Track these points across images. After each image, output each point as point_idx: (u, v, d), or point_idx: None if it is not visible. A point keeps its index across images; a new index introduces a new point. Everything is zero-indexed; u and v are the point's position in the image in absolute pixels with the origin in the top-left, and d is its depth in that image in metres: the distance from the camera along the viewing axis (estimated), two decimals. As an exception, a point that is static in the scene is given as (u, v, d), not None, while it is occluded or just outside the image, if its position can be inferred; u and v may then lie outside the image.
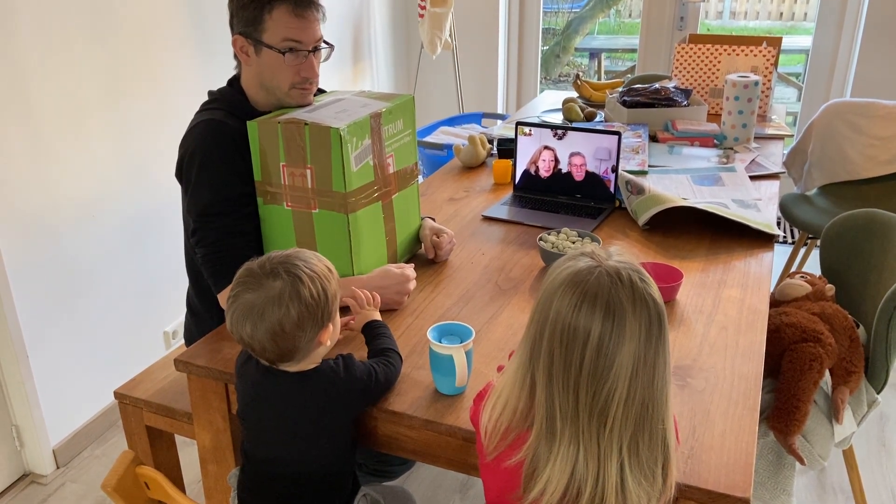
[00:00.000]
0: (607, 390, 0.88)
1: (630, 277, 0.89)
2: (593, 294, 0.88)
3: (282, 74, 1.51)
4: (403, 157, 1.58)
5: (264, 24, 1.47)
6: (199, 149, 1.48)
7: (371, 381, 1.18)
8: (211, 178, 1.47)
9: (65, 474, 2.20)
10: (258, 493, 1.24)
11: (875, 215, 1.85)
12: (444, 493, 2.07)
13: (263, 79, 1.53)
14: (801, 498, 2.05)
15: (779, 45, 2.74)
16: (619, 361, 0.87)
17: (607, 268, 0.89)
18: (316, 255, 1.18)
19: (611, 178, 1.97)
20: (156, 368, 1.78)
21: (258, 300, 1.10)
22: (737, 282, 1.57)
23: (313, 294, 1.11)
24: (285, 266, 1.12)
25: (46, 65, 2.01)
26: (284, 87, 1.52)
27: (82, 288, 2.21)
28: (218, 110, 1.53)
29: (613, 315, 0.87)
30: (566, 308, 0.88)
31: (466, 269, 1.66)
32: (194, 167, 1.48)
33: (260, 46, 1.49)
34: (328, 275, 1.16)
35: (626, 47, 6.11)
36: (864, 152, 2.73)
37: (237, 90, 1.58)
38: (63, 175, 2.10)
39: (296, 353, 1.13)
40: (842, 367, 1.59)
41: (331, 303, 1.15)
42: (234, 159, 1.47)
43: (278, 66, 1.50)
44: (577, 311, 0.88)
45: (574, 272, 0.90)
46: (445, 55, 3.92)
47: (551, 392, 0.90)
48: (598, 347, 0.87)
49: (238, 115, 1.52)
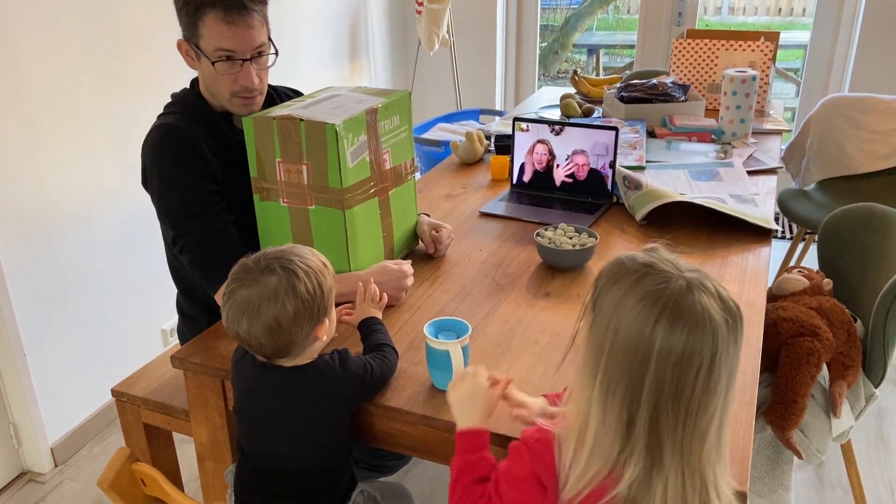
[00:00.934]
0: (713, 408, 0.85)
1: (715, 289, 0.86)
2: (690, 316, 0.83)
3: (220, 83, 1.48)
4: (400, 153, 1.57)
5: (199, 30, 1.43)
6: (156, 156, 1.48)
7: (367, 376, 1.17)
8: (175, 183, 1.46)
9: (63, 472, 2.20)
10: (255, 489, 1.24)
11: (874, 209, 1.85)
12: (442, 489, 2.06)
13: (206, 85, 1.52)
14: (799, 492, 2.05)
15: (777, 40, 2.74)
16: (723, 378, 0.85)
17: (691, 282, 0.86)
18: (311, 251, 1.18)
19: (608, 174, 1.96)
20: (153, 366, 1.77)
21: (254, 296, 1.10)
22: (734, 276, 1.57)
23: (309, 289, 1.11)
24: (280, 261, 1.12)
25: (42, 63, 2.00)
26: (225, 96, 1.50)
27: (79, 286, 2.20)
28: (173, 114, 1.52)
29: (714, 332, 0.83)
30: (670, 337, 0.83)
31: (463, 265, 1.65)
32: (156, 176, 1.48)
33: (199, 53, 1.46)
34: (323, 270, 1.15)
35: (624, 43, 6.11)
36: (862, 147, 2.73)
37: (196, 92, 1.56)
38: (59, 173, 2.10)
39: (292, 349, 1.13)
40: (839, 362, 1.59)
41: (326, 298, 1.15)
42: (192, 160, 1.47)
43: (213, 74, 1.47)
44: (685, 336, 0.83)
45: (657, 295, 0.85)
46: (443, 52, 3.91)
47: (657, 422, 0.86)
48: (710, 368, 0.84)
49: (194, 117, 1.51)
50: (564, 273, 1.60)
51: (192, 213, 1.46)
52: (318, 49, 3.38)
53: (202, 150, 1.48)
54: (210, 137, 1.51)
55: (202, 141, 1.49)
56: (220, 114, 1.55)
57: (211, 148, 1.50)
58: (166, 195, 1.47)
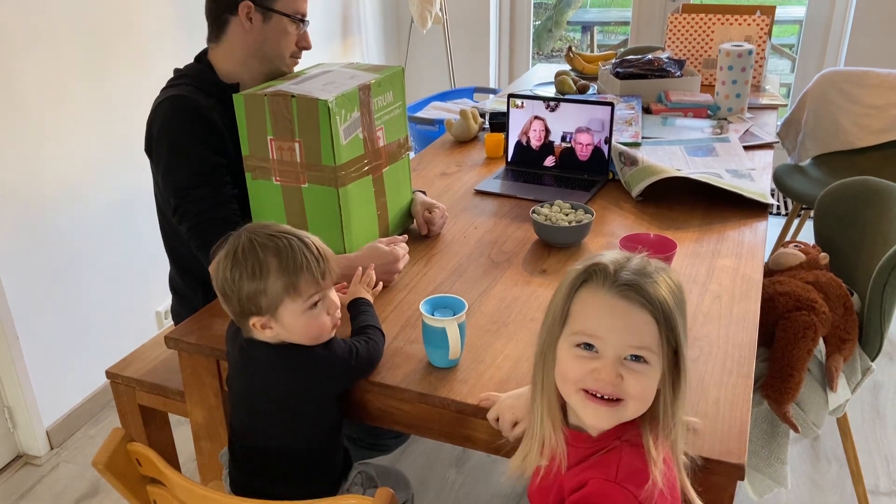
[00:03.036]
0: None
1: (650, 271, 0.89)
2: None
3: (285, 43, 1.58)
4: (394, 130, 1.55)
5: None
6: (166, 126, 1.49)
7: (352, 359, 1.15)
8: (183, 154, 1.48)
9: (59, 455, 2.19)
10: (245, 468, 1.24)
11: (870, 183, 1.85)
12: (440, 467, 2.07)
13: (265, 47, 1.56)
14: (795, 466, 2.07)
15: (772, 13, 2.71)
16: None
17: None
18: (288, 248, 1.11)
19: (604, 150, 1.95)
20: (147, 348, 1.77)
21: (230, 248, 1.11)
22: (731, 251, 1.56)
23: (227, 277, 1.09)
24: (236, 239, 1.12)
25: (28, 44, 1.97)
26: (285, 57, 1.59)
27: (72, 268, 2.19)
28: (184, 86, 1.53)
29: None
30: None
31: (459, 242, 1.64)
32: (164, 145, 1.49)
33: (270, 14, 1.54)
34: (259, 271, 1.08)
35: (618, 20, 6.06)
36: (858, 122, 2.72)
37: (205, 65, 1.59)
38: (48, 155, 2.07)
39: (240, 322, 1.13)
40: (836, 336, 1.59)
41: (250, 298, 1.09)
42: (202, 133, 1.49)
43: (285, 34, 1.57)
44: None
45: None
46: (436, 29, 3.87)
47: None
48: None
49: (205, 89, 1.54)
50: (560, 250, 1.59)
51: (196, 184, 1.48)
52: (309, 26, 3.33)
53: (212, 120, 1.50)
54: (220, 107, 1.54)
55: (212, 110, 1.51)
56: (229, 85, 1.58)
57: (221, 118, 1.52)
58: (174, 165, 1.49)
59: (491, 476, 2.05)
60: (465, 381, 1.17)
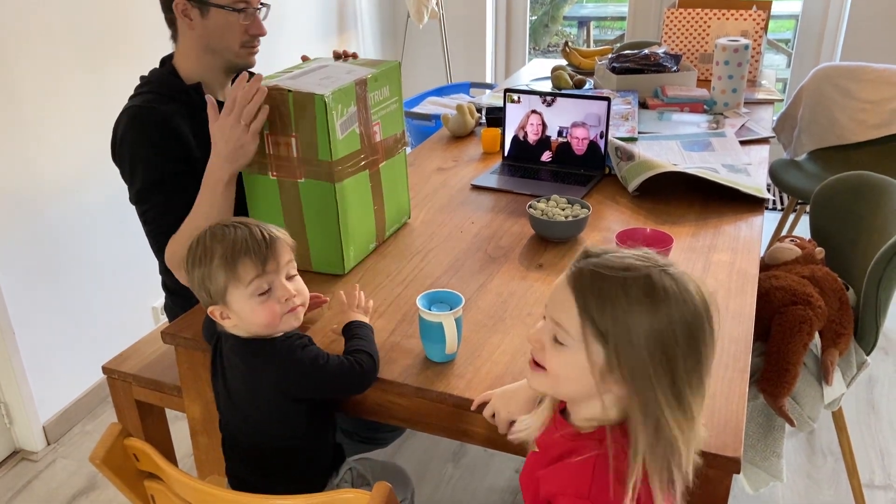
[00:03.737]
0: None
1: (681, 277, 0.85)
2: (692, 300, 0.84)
3: (231, 35, 1.53)
4: (390, 125, 1.55)
5: None
6: (125, 137, 1.50)
7: (313, 368, 1.11)
8: (141, 164, 1.50)
9: (55, 451, 2.19)
10: (232, 460, 1.26)
11: (865, 178, 1.85)
12: (437, 462, 2.07)
13: (211, 42, 1.54)
14: (791, 459, 2.07)
15: (769, 8, 2.72)
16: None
17: (665, 267, 0.85)
18: (244, 239, 1.10)
19: (600, 145, 1.95)
20: (144, 343, 1.77)
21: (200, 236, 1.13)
22: (727, 246, 1.57)
23: (192, 261, 1.11)
24: (208, 231, 1.12)
25: (23, 40, 1.96)
26: (235, 48, 1.55)
27: (68, 263, 2.18)
28: (146, 94, 1.54)
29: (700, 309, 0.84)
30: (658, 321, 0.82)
31: (456, 237, 1.64)
32: (126, 156, 1.51)
33: (207, 8, 1.50)
34: (212, 259, 1.09)
35: (615, 15, 6.06)
36: (854, 116, 2.72)
37: (168, 70, 1.58)
38: (45, 151, 2.07)
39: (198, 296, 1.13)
40: (831, 330, 1.59)
41: (208, 285, 1.10)
42: (161, 142, 1.49)
43: (228, 26, 1.52)
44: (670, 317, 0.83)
45: (663, 284, 0.83)
46: (432, 24, 3.87)
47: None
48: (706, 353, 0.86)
49: (167, 94, 1.53)
50: (557, 245, 1.59)
51: (152, 192, 1.50)
52: (305, 22, 3.33)
53: (174, 127, 1.50)
54: (183, 111, 1.53)
55: (175, 116, 1.51)
56: (191, 86, 1.56)
57: (185, 122, 1.52)
58: (133, 175, 1.52)
59: (488, 470, 2.05)
60: (462, 376, 1.18)
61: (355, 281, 1.47)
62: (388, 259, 1.55)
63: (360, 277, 1.48)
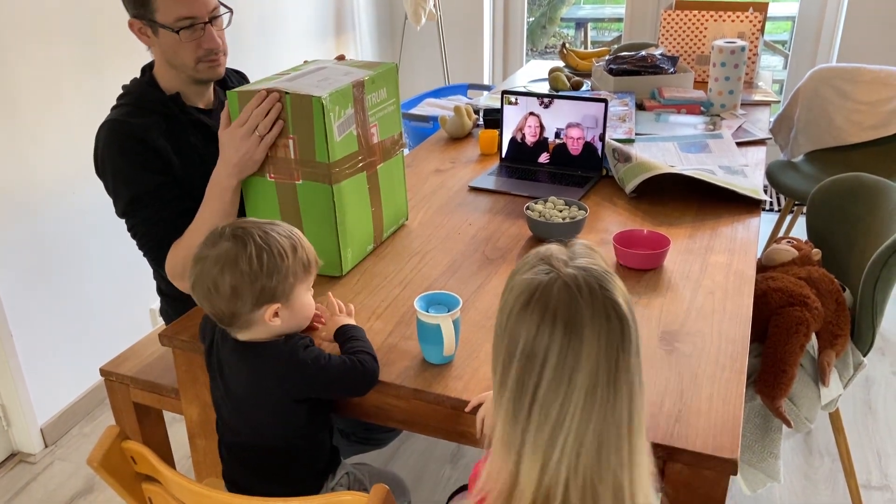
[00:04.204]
0: (559, 411, 0.79)
1: (590, 286, 0.79)
2: (553, 311, 0.78)
3: (184, 52, 1.49)
4: (387, 126, 1.56)
5: (152, 5, 1.45)
6: (105, 153, 1.50)
7: (315, 369, 1.12)
8: (123, 179, 1.50)
9: (53, 453, 2.19)
10: (230, 463, 1.26)
11: (862, 179, 1.86)
12: (435, 464, 2.08)
13: (169, 58, 1.52)
14: (788, 460, 2.08)
15: (765, 10, 2.72)
16: (576, 380, 0.78)
17: (566, 277, 0.80)
18: (290, 232, 1.14)
19: (598, 147, 1.95)
20: (142, 345, 1.77)
21: (204, 256, 1.10)
22: (724, 247, 1.57)
23: (252, 265, 1.08)
24: (238, 231, 1.11)
25: (21, 42, 1.96)
26: (191, 64, 1.51)
27: (66, 265, 2.18)
28: (124, 107, 1.53)
29: (572, 332, 0.78)
30: (528, 329, 0.79)
31: (454, 239, 1.65)
32: (107, 171, 1.51)
33: (156, 27, 1.47)
34: (284, 252, 1.11)
35: (612, 16, 6.07)
36: (850, 118, 2.73)
37: (147, 79, 1.57)
38: (42, 153, 2.07)
39: (234, 320, 1.12)
40: (828, 331, 1.59)
41: (278, 280, 1.10)
42: (140, 156, 1.48)
43: (178, 44, 1.48)
44: (539, 331, 0.78)
45: (532, 287, 0.80)
46: (430, 26, 3.87)
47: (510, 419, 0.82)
48: (556, 368, 0.78)
49: (146, 106, 1.52)
50: (554, 246, 1.59)
51: (138, 205, 1.50)
52: (302, 23, 3.33)
53: (152, 141, 1.49)
54: (162, 123, 1.52)
55: (152, 129, 1.49)
56: (170, 97, 1.55)
57: (163, 134, 1.51)
58: (117, 190, 1.51)
59: (486, 472, 2.05)
60: (460, 378, 1.18)
61: (353, 283, 1.47)
62: (386, 261, 1.55)
63: (357, 279, 1.48)
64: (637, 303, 1.37)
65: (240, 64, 2.87)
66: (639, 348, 0.82)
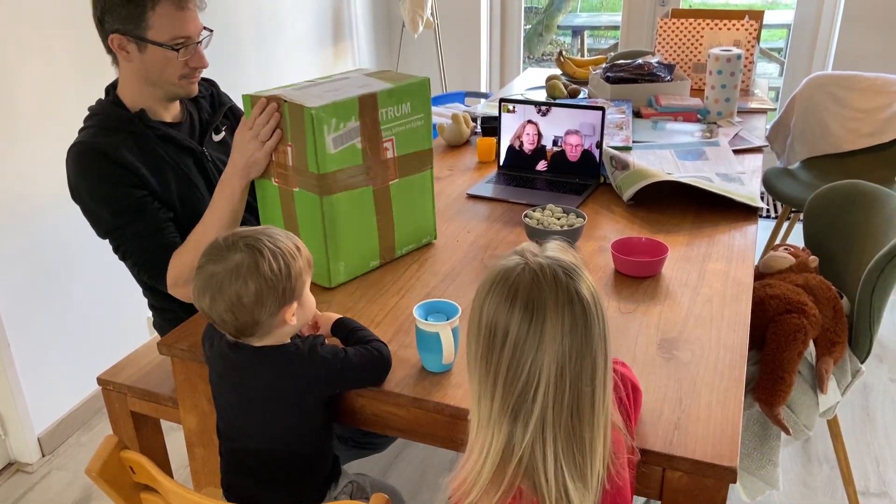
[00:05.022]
0: (521, 391, 0.84)
1: (554, 272, 0.84)
2: (514, 291, 0.83)
3: (171, 69, 1.51)
4: (409, 142, 1.50)
5: (147, 21, 1.45)
6: (78, 177, 1.49)
7: (336, 363, 1.14)
8: (101, 199, 1.49)
9: (51, 462, 2.18)
10: (231, 470, 1.25)
11: (859, 186, 1.86)
12: (434, 472, 2.07)
13: (149, 75, 1.51)
14: (787, 467, 2.08)
15: (761, 18, 2.74)
16: (538, 361, 0.83)
17: (533, 264, 0.85)
18: (286, 234, 1.17)
19: (595, 154, 1.96)
20: (139, 354, 1.76)
21: (218, 272, 1.09)
22: (721, 255, 1.57)
23: (273, 269, 1.10)
24: (247, 240, 1.11)
25: (21, 49, 1.96)
26: (175, 81, 1.53)
27: (63, 274, 2.18)
28: (89, 128, 1.53)
29: (533, 312, 0.82)
30: (489, 307, 0.85)
31: (452, 247, 1.65)
32: (84, 193, 1.50)
33: (144, 44, 1.47)
34: (294, 252, 1.14)
35: (608, 24, 6.09)
36: (846, 125, 2.74)
37: (111, 100, 1.56)
38: (40, 160, 2.07)
39: (256, 328, 1.12)
40: (826, 338, 1.60)
41: (294, 280, 1.13)
42: (112, 175, 1.48)
43: (167, 62, 1.49)
44: (497, 310, 0.84)
45: (498, 271, 0.86)
46: (427, 34, 3.88)
47: (478, 397, 0.88)
48: (515, 346, 0.83)
49: (112, 125, 1.51)
50: (553, 254, 1.60)
51: (125, 221, 1.49)
52: (300, 31, 3.34)
53: (121, 159, 1.48)
54: (129, 140, 1.52)
55: (120, 147, 1.49)
56: (135, 115, 1.54)
57: (131, 151, 1.50)
58: (96, 210, 1.50)
59: (484, 480, 2.05)
60: (459, 386, 1.18)
61: (352, 291, 1.47)
62: (384, 269, 1.55)
63: (356, 287, 1.48)
64: (635, 310, 1.37)
65: (238, 72, 2.88)
66: (606, 337, 0.87)
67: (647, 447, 1.04)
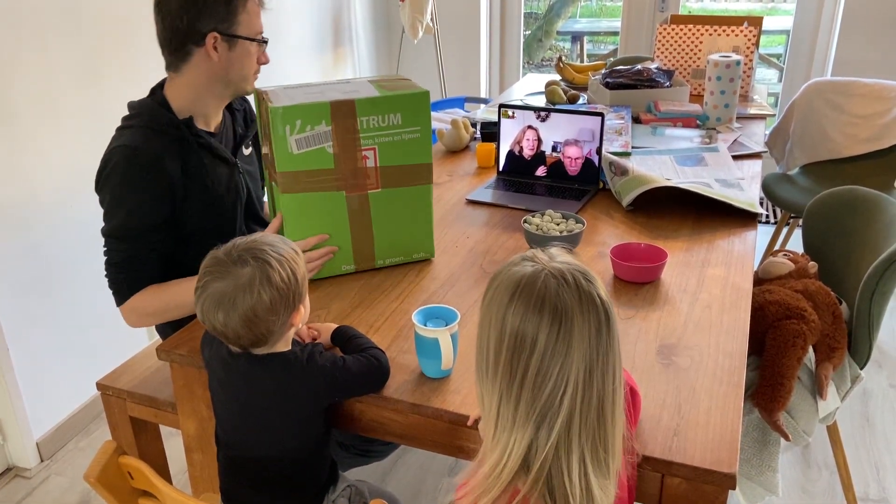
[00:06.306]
0: (548, 395, 0.84)
1: (575, 279, 0.84)
2: (540, 298, 0.83)
3: (249, 64, 1.57)
4: (398, 154, 1.47)
5: (238, 17, 1.51)
6: (112, 177, 1.49)
7: (335, 370, 1.14)
8: (121, 207, 1.50)
9: (49, 467, 2.18)
10: (230, 477, 1.25)
11: (858, 192, 1.86)
12: (433, 478, 2.07)
13: (230, 73, 1.55)
14: (786, 473, 2.08)
15: (760, 24, 2.75)
16: (567, 366, 0.83)
17: (552, 270, 0.85)
18: (281, 239, 1.17)
19: (594, 160, 1.96)
20: (138, 359, 1.76)
21: (228, 288, 1.09)
22: (720, 260, 1.58)
23: (283, 278, 1.11)
24: (252, 252, 1.11)
25: (20, 53, 1.97)
26: (251, 76, 1.59)
27: (62, 279, 2.18)
28: (137, 128, 1.51)
29: (561, 319, 0.83)
30: (513, 316, 0.84)
31: (451, 252, 1.65)
32: (108, 194, 1.51)
33: (235, 40, 1.52)
34: (295, 257, 1.15)
35: (608, 30, 6.11)
36: (845, 131, 2.75)
37: (159, 100, 1.56)
38: (40, 165, 2.07)
39: (269, 337, 1.12)
40: (825, 344, 1.60)
41: (300, 285, 1.15)
42: (147, 191, 1.48)
43: (248, 56, 1.56)
44: (524, 318, 0.83)
45: (519, 278, 0.85)
46: (427, 39, 3.89)
47: (498, 404, 0.87)
48: (544, 353, 0.83)
49: (158, 129, 1.51)
50: (552, 259, 1.60)
51: (124, 235, 1.51)
52: (300, 37, 3.35)
53: (164, 168, 1.48)
54: (174, 147, 1.52)
55: (164, 156, 1.49)
56: (183, 121, 1.55)
57: (174, 161, 1.51)
58: (111, 215, 1.52)
59: (483, 486, 2.04)
60: (458, 392, 1.18)
61: (351, 296, 1.47)
62: (383, 274, 1.56)
63: (355, 293, 1.48)
64: (634, 316, 1.37)
65: (238, 78, 2.82)
66: (619, 339, 0.88)
67: (647, 453, 1.04)
